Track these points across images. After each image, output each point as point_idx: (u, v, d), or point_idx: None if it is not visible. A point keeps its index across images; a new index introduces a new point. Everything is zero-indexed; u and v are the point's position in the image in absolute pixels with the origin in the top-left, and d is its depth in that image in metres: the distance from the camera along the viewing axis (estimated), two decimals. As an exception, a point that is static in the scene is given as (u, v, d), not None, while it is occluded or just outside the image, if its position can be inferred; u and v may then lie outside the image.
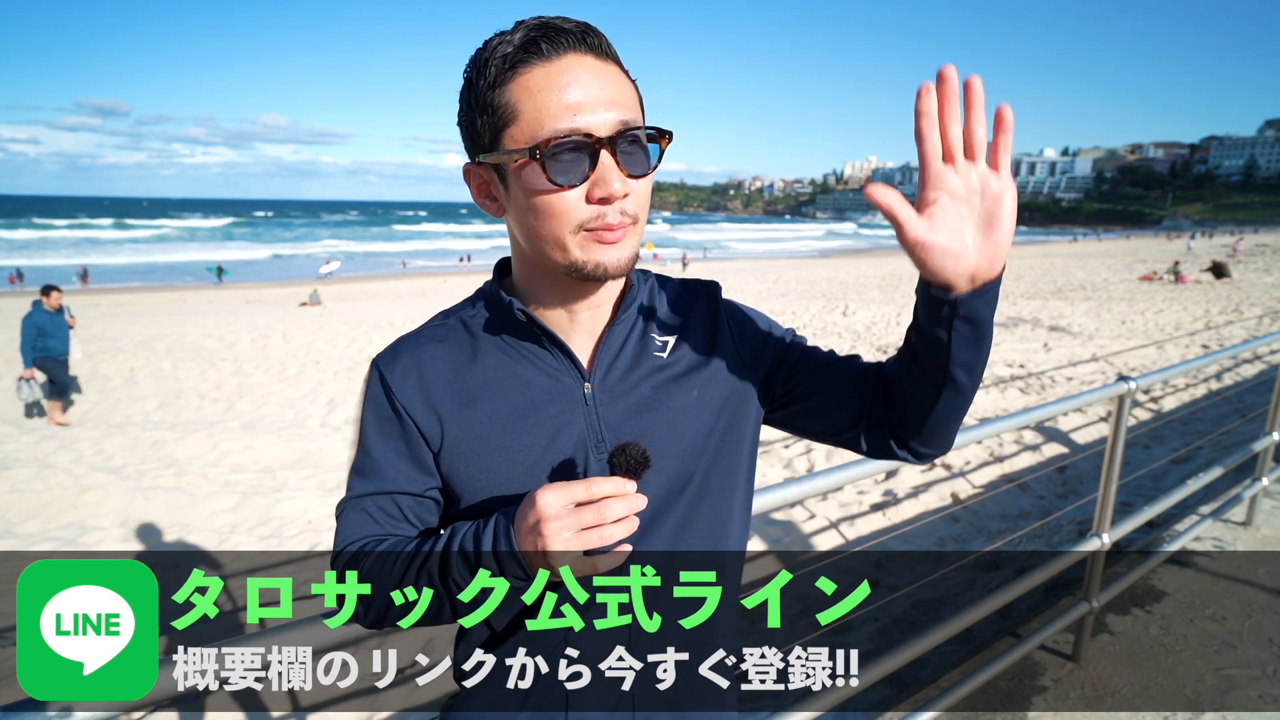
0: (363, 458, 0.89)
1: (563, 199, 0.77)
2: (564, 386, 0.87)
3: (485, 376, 0.87)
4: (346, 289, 26.37)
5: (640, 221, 0.82)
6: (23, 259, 39.23)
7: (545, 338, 0.87)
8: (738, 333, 0.95)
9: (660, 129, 0.81)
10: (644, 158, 0.80)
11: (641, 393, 0.88)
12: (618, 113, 0.77)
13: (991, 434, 2.01)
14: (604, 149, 0.76)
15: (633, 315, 0.91)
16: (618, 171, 0.77)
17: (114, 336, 12.53)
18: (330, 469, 6.29)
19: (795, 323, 13.49)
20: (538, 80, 0.75)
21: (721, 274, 30.10)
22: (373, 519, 0.88)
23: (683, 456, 0.88)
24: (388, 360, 0.89)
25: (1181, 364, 2.85)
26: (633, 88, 0.82)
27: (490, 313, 0.91)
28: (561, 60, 0.75)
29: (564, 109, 0.75)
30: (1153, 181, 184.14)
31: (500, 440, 0.85)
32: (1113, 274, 23.90)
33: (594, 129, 0.75)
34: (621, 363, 0.89)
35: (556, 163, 0.75)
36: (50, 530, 5.10)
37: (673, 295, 0.97)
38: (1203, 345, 10.33)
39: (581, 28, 0.77)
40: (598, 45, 0.78)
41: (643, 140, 0.80)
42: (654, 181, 0.85)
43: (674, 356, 0.91)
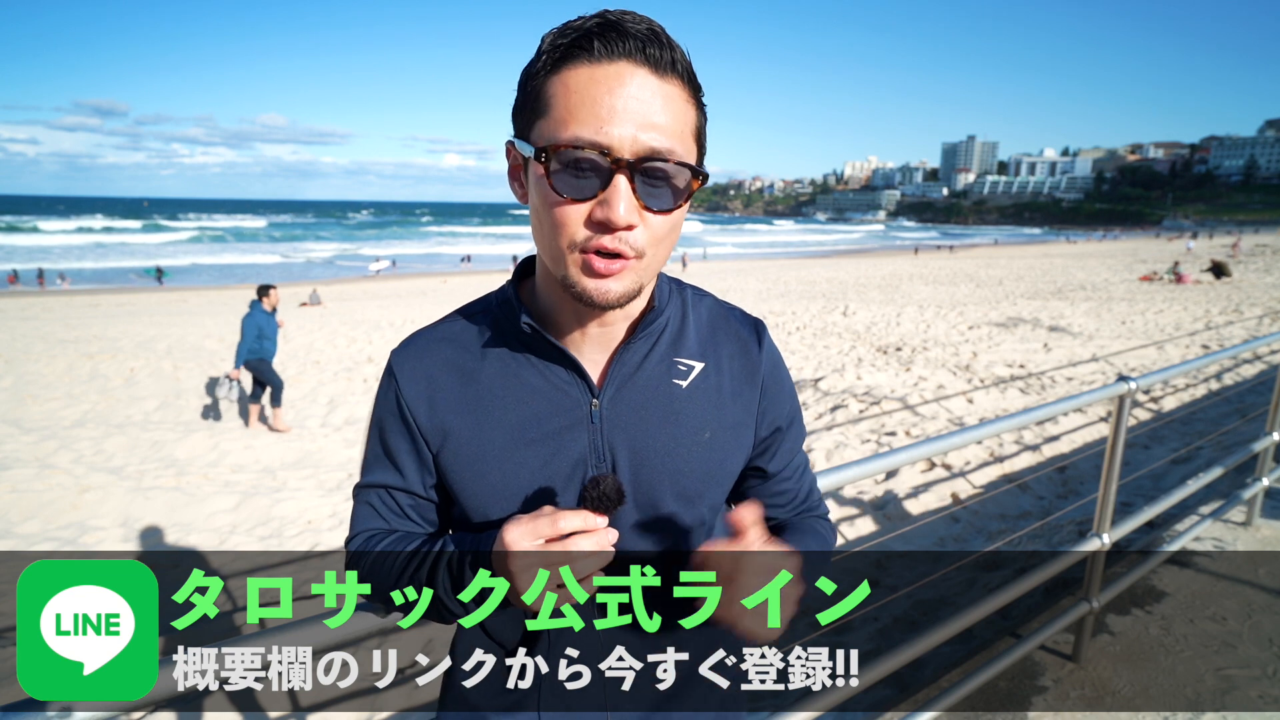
0: (374, 447, 0.91)
1: (563, 211, 0.72)
2: (571, 400, 0.85)
3: (490, 383, 0.86)
4: (346, 289, 26.36)
5: (649, 259, 0.75)
6: (90, 261, 39.40)
7: (553, 349, 0.84)
8: (768, 393, 0.91)
9: (695, 169, 0.74)
10: (668, 193, 0.73)
11: (652, 421, 0.85)
12: (652, 136, 0.70)
13: (991, 434, 2.01)
14: (621, 172, 0.70)
15: (654, 335, 0.87)
16: (631, 200, 0.70)
17: (114, 336, 12.51)
18: (330, 469, 6.29)
19: (795, 323, 13.48)
20: (580, 80, 0.70)
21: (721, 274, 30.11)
22: (378, 513, 0.90)
23: (682, 498, 0.86)
24: (401, 358, 0.89)
25: (1181, 364, 2.85)
26: (691, 115, 0.74)
27: (502, 316, 0.89)
28: (611, 65, 0.69)
29: (592, 117, 0.69)
30: (1153, 181, 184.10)
31: (499, 450, 0.84)
32: (1113, 274, 23.90)
33: (616, 147, 0.69)
34: (637, 385, 0.85)
35: (563, 171, 0.71)
36: (50, 530, 5.10)
37: (710, 319, 0.91)
38: (1203, 345, 10.32)
39: (647, 36, 0.70)
40: (658, 58, 0.70)
41: (670, 174, 0.72)
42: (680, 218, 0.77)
43: (695, 389, 0.87)
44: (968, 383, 8.37)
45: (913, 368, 9.20)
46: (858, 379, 8.52)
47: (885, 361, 9.81)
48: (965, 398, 7.65)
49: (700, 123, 0.76)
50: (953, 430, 5.07)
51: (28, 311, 18.34)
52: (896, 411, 7.27)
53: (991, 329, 12.30)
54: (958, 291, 19.34)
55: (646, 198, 0.72)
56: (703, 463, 0.86)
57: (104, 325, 14.25)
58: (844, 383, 8.38)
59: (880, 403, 7.49)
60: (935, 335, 11.88)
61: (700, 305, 0.92)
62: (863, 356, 10.24)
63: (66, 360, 10.30)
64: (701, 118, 0.77)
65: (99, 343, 11.86)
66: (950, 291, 19.36)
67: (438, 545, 0.83)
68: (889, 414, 7.14)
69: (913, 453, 1.78)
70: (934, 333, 12.13)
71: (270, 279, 29.01)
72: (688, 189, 0.74)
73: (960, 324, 12.97)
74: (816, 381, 8.63)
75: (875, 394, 7.83)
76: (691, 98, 0.74)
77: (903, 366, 9.32)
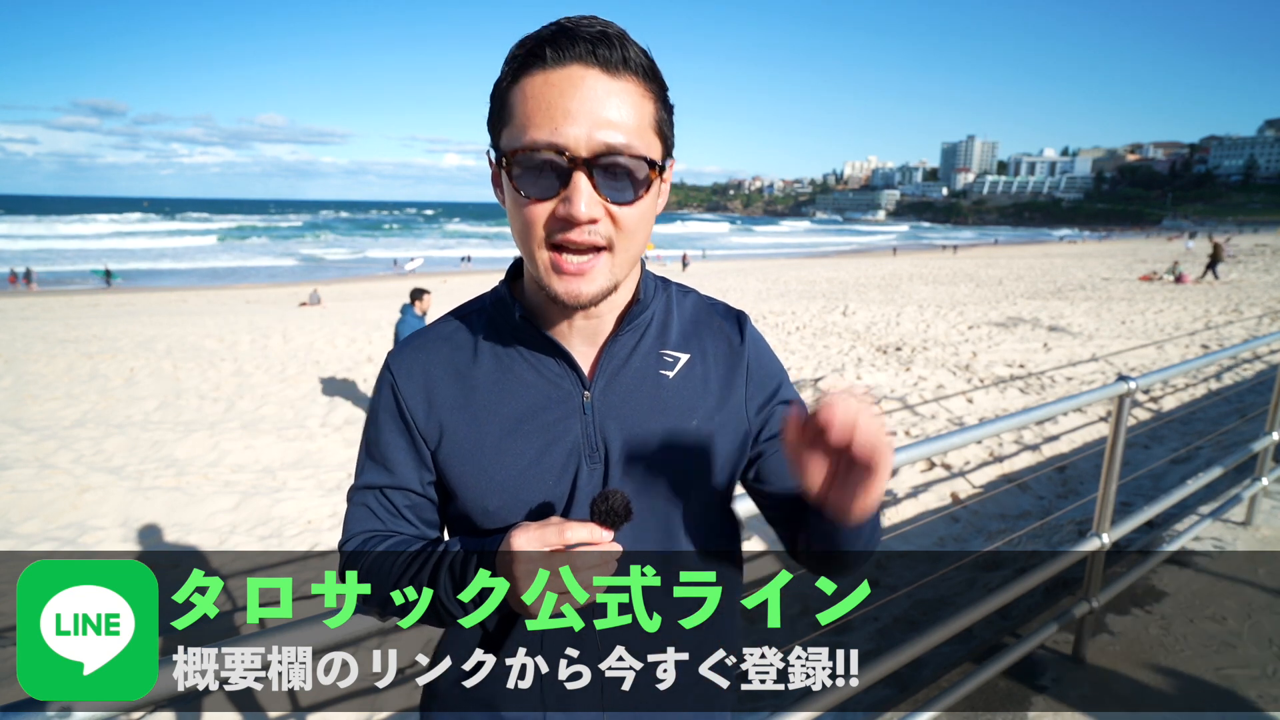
0: (371, 446, 0.91)
1: (530, 211, 0.76)
2: (563, 392, 0.87)
3: (485, 378, 0.88)
4: (346, 289, 26.36)
5: (620, 251, 0.78)
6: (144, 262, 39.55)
7: (545, 342, 0.87)
8: (753, 376, 0.93)
9: (650, 160, 0.76)
10: (630, 184, 0.76)
11: (641, 410, 0.87)
12: (606, 133, 0.73)
13: (991, 434, 2.01)
14: (579, 169, 0.73)
15: (640, 328, 0.90)
16: (591, 195, 0.74)
17: (114, 336, 12.52)
18: (330, 469, 6.29)
19: (795, 323, 13.49)
20: (535, 87, 0.74)
21: (721, 274, 30.10)
22: (374, 515, 0.90)
23: (671, 482, 0.88)
24: (398, 358, 0.91)
25: (1181, 364, 2.85)
26: (649, 109, 0.77)
27: (495, 313, 0.91)
28: (562, 70, 0.73)
29: (548, 120, 0.73)
30: (1153, 181, 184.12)
31: (495, 443, 0.86)
32: (1113, 274, 23.91)
33: (572, 146, 0.72)
34: (626, 376, 0.88)
35: (525, 173, 0.75)
36: (50, 530, 5.10)
37: (693, 313, 0.95)
38: (1203, 345, 10.33)
39: (596, 37, 0.73)
40: (608, 58, 0.73)
41: (628, 166, 0.75)
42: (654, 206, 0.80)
43: (681, 379, 0.90)
44: (967, 382, 8.37)
45: (912, 367, 9.20)
46: (858, 379, 8.53)
47: (885, 361, 9.82)
48: (965, 397, 7.65)
49: (660, 115, 0.78)
50: (952, 430, 5.07)
51: (28, 311, 18.35)
52: (896, 411, 7.28)
53: (991, 329, 12.30)
54: (957, 291, 19.34)
55: (607, 191, 0.75)
56: (692, 449, 0.88)
57: (104, 325, 14.25)
58: (844, 382, 8.38)
59: (880, 402, 7.48)
60: (935, 335, 11.88)
61: (684, 301, 0.96)
62: (862, 356, 10.25)
63: (66, 360, 10.30)
64: (662, 110, 0.79)
65: (99, 343, 11.86)
66: (950, 291, 19.36)
67: (440, 546, 0.84)
68: (889, 414, 7.15)
69: (912, 452, 1.78)
70: (934, 332, 12.14)
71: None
72: (647, 180, 0.77)
73: (960, 324, 12.98)
74: (816, 381, 8.63)
75: (875, 394, 7.83)
76: (649, 92, 0.77)
77: (902, 366, 9.32)
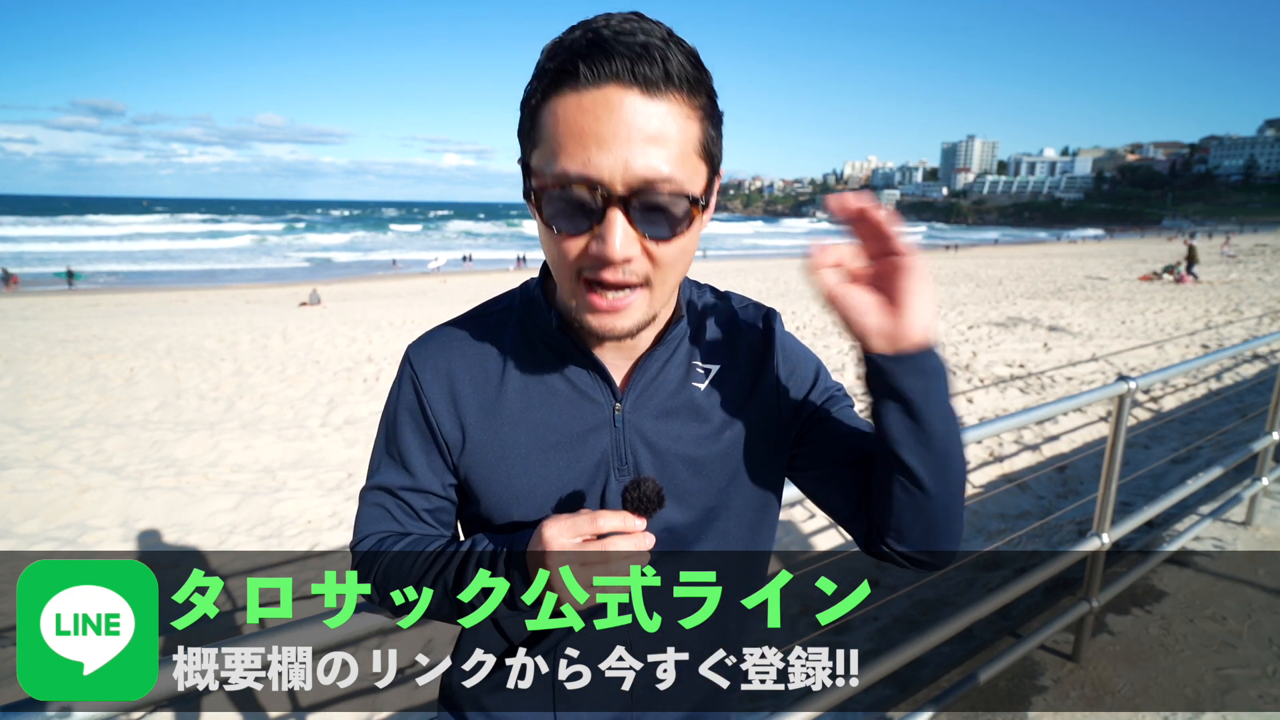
0: (390, 445, 0.89)
1: (563, 245, 0.71)
2: (595, 405, 0.85)
3: (513, 385, 0.85)
4: (346, 289, 26.37)
5: (656, 286, 0.74)
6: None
7: (579, 354, 0.84)
8: (785, 378, 0.90)
9: (693, 197, 0.69)
10: (665, 220, 0.69)
11: (672, 423, 0.86)
12: (644, 165, 0.66)
13: (991, 434, 2.01)
14: (613, 206, 0.67)
15: (675, 341, 0.87)
16: (627, 232, 0.68)
17: (114, 336, 12.52)
18: (330, 469, 6.28)
19: (795, 322, 13.48)
20: (567, 109, 0.66)
21: (721, 273, 30.08)
22: (390, 515, 0.88)
23: (705, 494, 0.86)
24: (420, 355, 0.88)
25: (1181, 364, 2.85)
26: (693, 130, 0.69)
27: (526, 316, 0.88)
28: (598, 92, 0.65)
29: (579, 149, 0.66)
30: (1153, 181, 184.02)
31: (523, 453, 0.84)
32: (1113, 274, 23.90)
33: (606, 179, 0.66)
34: (657, 389, 0.86)
35: (554, 207, 0.69)
36: (50, 530, 5.10)
37: (724, 319, 0.91)
38: (1203, 345, 10.32)
39: (637, 52, 0.65)
40: (647, 77, 0.65)
41: (666, 204, 0.68)
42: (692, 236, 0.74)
43: (713, 390, 0.87)
44: (967, 382, 8.37)
45: (913, 367, 9.17)
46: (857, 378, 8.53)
47: (885, 361, 9.79)
48: (965, 397, 7.65)
49: (706, 134, 0.71)
50: (953, 430, 5.04)
51: (28, 311, 18.35)
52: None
53: (991, 328, 12.29)
54: (957, 291, 19.34)
55: (644, 227, 0.69)
56: (724, 461, 0.87)
57: (104, 325, 14.25)
58: (844, 382, 8.38)
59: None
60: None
61: (715, 306, 0.92)
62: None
63: (66, 360, 10.30)
64: (709, 127, 0.71)
65: (99, 342, 11.86)
66: (950, 291, 19.36)
67: (465, 545, 0.82)
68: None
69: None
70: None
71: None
72: (688, 216, 0.70)
73: (960, 323, 12.97)
74: (816, 381, 8.62)
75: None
76: (695, 109, 0.69)
77: (903, 366, 9.29)
